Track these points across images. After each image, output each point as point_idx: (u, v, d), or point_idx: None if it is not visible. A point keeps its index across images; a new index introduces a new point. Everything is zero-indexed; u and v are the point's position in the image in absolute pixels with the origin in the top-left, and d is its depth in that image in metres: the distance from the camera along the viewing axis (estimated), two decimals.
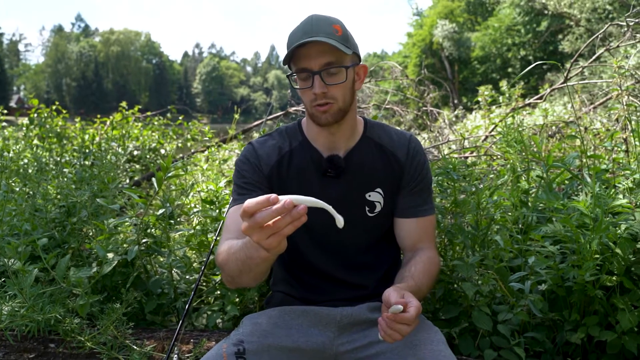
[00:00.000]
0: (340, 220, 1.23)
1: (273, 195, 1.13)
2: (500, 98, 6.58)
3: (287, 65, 1.68)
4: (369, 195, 1.75)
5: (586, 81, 4.63)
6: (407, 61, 45.52)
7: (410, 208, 1.78)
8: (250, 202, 1.13)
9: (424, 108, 6.14)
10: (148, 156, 6.27)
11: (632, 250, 2.03)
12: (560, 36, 31.26)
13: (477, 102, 6.05)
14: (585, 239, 1.95)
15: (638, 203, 2.18)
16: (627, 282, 1.96)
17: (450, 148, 5.13)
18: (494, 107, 6.37)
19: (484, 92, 5.87)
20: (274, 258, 1.31)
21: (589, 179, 2.19)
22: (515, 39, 36.61)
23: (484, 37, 39.21)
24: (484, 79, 36.48)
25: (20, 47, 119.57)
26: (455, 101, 6.91)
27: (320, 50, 1.56)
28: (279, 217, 1.13)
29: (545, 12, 31.06)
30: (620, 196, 2.17)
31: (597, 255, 1.95)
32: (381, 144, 1.79)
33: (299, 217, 1.14)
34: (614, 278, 1.99)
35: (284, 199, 1.14)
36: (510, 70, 34.45)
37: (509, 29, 37.12)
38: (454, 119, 7.90)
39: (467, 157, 4.62)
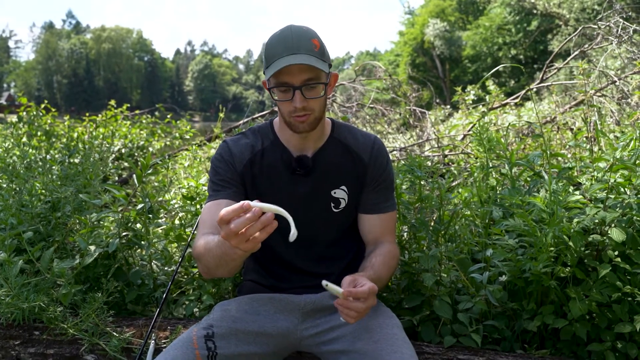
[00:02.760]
0: (293, 235, 1.36)
1: (245, 203, 1.28)
2: (487, 97, 6.70)
3: (263, 73, 1.79)
4: (334, 192, 1.88)
5: (558, 82, 4.77)
6: (398, 59, 45.70)
7: (373, 205, 1.91)
8: (226, 210, 1.28)
9: (407, 107, 6.26)
10: (136, 154, 6.37)
11: (584, 243, 2.17)
12: (549, 35, 31.52)
13: (459, 101, 6.18)
14: (541, 232, 2.08)
15: (592, 198, 2.32)
16: (579, 273, 2.09)
17: (431, 145, 5.26)
18: (479, 106, 6.49)
19: (464, 91, 5.99)
20: (248, 255, 1.44)
21: (546, 176, 2.32)
22: (506, 38, 36.84)
23: (475, 36, 39.39)
24: (475, 77, 36.70)
25: (11, 43, 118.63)
26: (437, 100, 7.01)
27: (302, 68, 1.67)
28: (251, 224, 1.27)
29: (535, 11, 31.31)
30: (577, 192, 2.30)
31: (552, 248, 2.08)
32: (347, 144, 1.92)
33: (269, 223, 1.29)
34: (567, 269, 2.11)
35: (254, 206, 1.28)
36: (501, 69, 34.69)
37: (500, 28, 37.33)
38: (441, 117, 8.03)
39: (446, 155, 4.75)
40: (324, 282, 1.49)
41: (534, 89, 5.57)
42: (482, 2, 42.27)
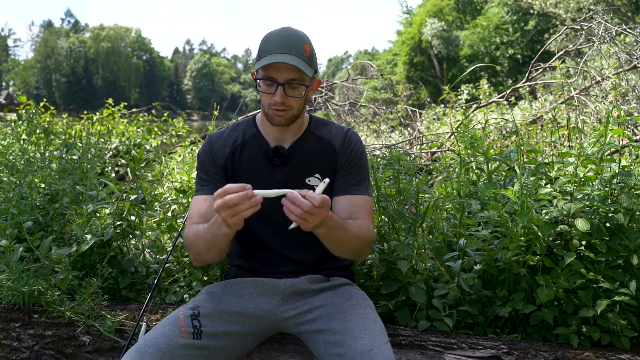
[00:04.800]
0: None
1: (248, 186, 1.55)
2: (481, 96, 6.81)
3: (254, 64, 1.95)
4: (309, 180, 2.01)
5: (542, 82, 4.90)
6: (396, 59, 45.80)
7: (344, 187, 2.01)
8: (229, 186, 1.55)
9: (399, 106, 6.39)
10: (133, 151, 6.48)
11: (553, 233, 2.30)
12: (547, 35, 31.65)
13: (447, 99, 6.29)
14: (513, 223, 2.22)
15: (562, 191, 2.44)
16: (547, 261, 2.22)
17: (420, 142, 5.39)
18: (472, 104, 6.59)
19: (457, 89, 6.10)
20: (233, 234, 1.70)
21: (518, 171, 2.44)
22: (503, 38, 36.91)
23: (472, 36, 39.44)
24: (472, 77, 36.75)
25: (9, 42, 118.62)
26: (429, 99, 7.12)
27: (288, 67, 1.84)
28: (242, 201, 1.53)
29: (532, 11, 31.43)
30: (548, 186, 2.43)
31: (522, 238, 2.22)
32: (322, 136, 2.07)
33: (256, 204, 1.56)
34: (536, 258, 2.24)
35: (257, 194, 1.57)
36: (498, 68, 34.76)
37: (497, 27, 37.41)
38: (434, 116, 8.15)
39: (434, 153, 4.89)
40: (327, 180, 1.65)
41: (527, 88, 5.70)
42: (480, 2, 42.38)
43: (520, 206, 2.23)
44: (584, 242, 2.26)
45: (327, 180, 1.64)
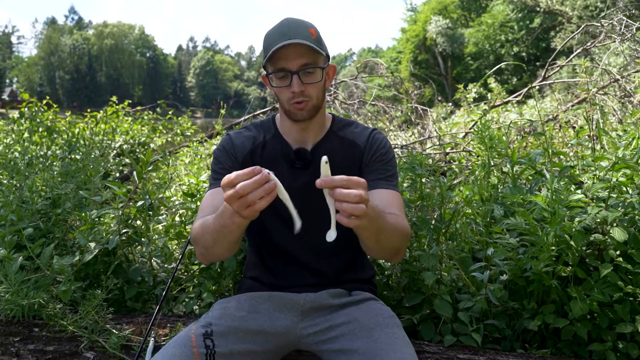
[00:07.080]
0: (297, 225, 1.40)
1: (257, 168, 1.34)
2: (490, 95, 6.69)
3: (263, 66, 1.80)
4: None
5: (560, 80, 4.76)
6: (400, 57, 45.77)
7: (372, 182, 1.81)
8: (235, 173, 1.34)
9: (409, 105, 6.26)
10: (137, 150, 6.37)
11: (585, 242, 2.16)
12: (552, 33, 31.52)
13: (461, 98, 6.17)
14: (543, 231, 2.08)
15: (594, 197, 2.31)
16: (580, 272, 2.09)
17: (432, 143, 5.26)
18: (481, 104, 6.46)
19: (466, 88, 5.97)
20: (246, 224, 1.49)
21: (548, 175, 2.31)
22: (508, 36, 36.84)
23: (477, 33, 39.39)
24: (477, 75, 36.69)
25: (13, 39, 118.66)
26: (439, 98, 6.95)
27: (298, 52, 1.69)
28: (255, 189, 1.33)
29: (538, 9, 31.30)
30: (578, 191, 2.30)
31: (553, 247, 2.08)
32: (345, 137, 1.92)
33: (271, 192, 1.36)
34: (568, 269, 2.11)
35: (266, 172, 1.34)
36: (503, 66, 34.65)
37: (502, 25, 37.36)
38: (442, 115, 8.02)
39: (447, 153, 4.75)
40: (324, 159, 1.40)
41: (537, 87, 5.57)
42: None
43: (550, 213, 2.09)
44: (618, 252, 2.13)
45: (324, 157, 1.41)
